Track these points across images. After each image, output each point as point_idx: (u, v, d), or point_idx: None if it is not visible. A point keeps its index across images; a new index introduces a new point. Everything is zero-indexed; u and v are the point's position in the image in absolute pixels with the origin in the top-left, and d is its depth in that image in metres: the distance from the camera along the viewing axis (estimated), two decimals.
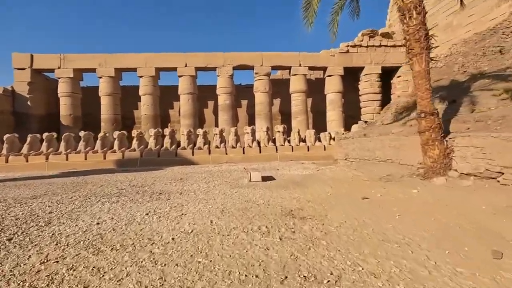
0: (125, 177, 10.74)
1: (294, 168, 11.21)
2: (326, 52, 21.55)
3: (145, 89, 20.88)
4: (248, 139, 16.27)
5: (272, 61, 21.07)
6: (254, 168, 9.87)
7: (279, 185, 7.33)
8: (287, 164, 13.25)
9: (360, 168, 8.72)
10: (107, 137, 15.92)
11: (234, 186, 7.56)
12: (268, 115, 21.18)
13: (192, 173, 11.25)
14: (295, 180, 8.02)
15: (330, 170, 9.61)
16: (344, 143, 10.82)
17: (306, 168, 10.92)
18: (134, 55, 20.88)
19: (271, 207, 5.05)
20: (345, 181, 7.19)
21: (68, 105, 20.74)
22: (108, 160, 15.00)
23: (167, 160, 15.00)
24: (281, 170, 10.84)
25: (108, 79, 20.79)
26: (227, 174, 10.33)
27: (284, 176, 8.94)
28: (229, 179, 8.99)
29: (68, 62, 20.63)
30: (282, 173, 9.81)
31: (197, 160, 15.29)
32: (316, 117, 24.10)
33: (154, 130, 16.10)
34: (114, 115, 21.05)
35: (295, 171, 10.27)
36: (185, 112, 20.96)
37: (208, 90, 23.57)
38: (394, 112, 11.73)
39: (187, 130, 16.46)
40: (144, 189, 7.85)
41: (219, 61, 20.98)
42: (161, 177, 10.25)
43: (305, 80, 21.36)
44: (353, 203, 5.02)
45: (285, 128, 16.69)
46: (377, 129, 10.28)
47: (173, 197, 6.45)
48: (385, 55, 21.46)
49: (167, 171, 12.28)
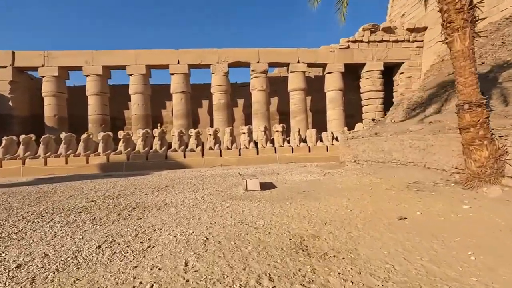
0: (103, 184, 9.18)
1: (296, 172, 9.72)
2: (325, 48, 20.13)
3: (135, 88, 19.30)
4: (245, 139, 14.76)
5: (269, 57, 19.60)
6: (251, 173, 8.36)
7: (282, 195, 5.83)
8: (288, 167, 11.75)
9: (376, 172, 7.26)
10: (90, 139, 14.32)
11: (226, 197, 6.06)
12: (266, 115, 19.70)
13: (181, 179, 9.72)
14: (300, 188, 6.53)
15: (340, 174, 8.13)
16: (352, 143, 9.39)
17: (310, 172, 9.43)
18: (123, 52, 19.30)
19: (274, 233, 3.55)
20: (364, 190, 5.71)
21: (52, 105, 19.10)
22: (91, 164, 13.40)
23: (156, 164, 13.44)
24: (281, 175, 9.35)
25: (95, 78, 19.18)
26: (220, 180, 8.81)
27: (287, 183, 7.44)
28: (222, 187, 7.47)
29: (53, 59, 19.00)
30: (283, 179, 8.31)
31: (189, 163, 13.75)
32: (316, 117, 22.67)
33: (142, 131, 14.52)
34: (103, 116, 19.43)
35: (298, 176, 8.78)
36: (178, 112, 19.41)
37: (202, 89, 22.04)
38: (406, 108, 10.32)
39: (179, 131, 14.90)
40: (118, 201, 6.33)
41: (213, 58, 19.47)
42: (144, 185, 8.71)
43: (304, 77, 19.92)
44: (389, 228, 3.54)
45: (284, 128, 15.20)
46: (391, 128, 8.85)
47: (147, 214, 4.93)
48: (387, 50, 20.10)
49: (154, 177, 10.73)
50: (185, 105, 19.52)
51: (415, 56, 20.12)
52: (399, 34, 19.99)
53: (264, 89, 19.57)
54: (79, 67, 19.26)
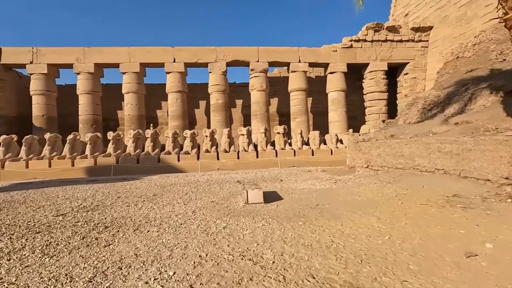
0: (84, 191, 7.94)
1: (302, 179, 8.54)
2: (327, 47, 19.07)
3: (128, 87, 18.09)
4: (244, 141, 13.58)
5: (269, 56, 18.50)
6: (251, 180, 7.19)
7: (292, 211, 4.66)
8: (291, 172, 10.58)
9: (397, 181, 6.12)
10: (77, 140, 13.05)
11: (223, 212, 4.87)
12: (265, 116, 18.57)
13: (172, 186, 8.51)
14: (311, 200, 5.36)
15: (353, 182, 6.98)
16: (364, 146, 8.26)
17: (318, 179, 8.26)
18: (115, 49, 18.09)
19: (292, 279, 2.38)
20: (393, 206, 4.56)
21: (41, 104, 17.83)
22: (77, 168, 12.14)
23: (148, 167, 12.22)
24: (286, 182, 8.17)
25: (86, 76, 17.96)
26: (216, 188, 7.61)
27: (293, 193, 6.27)
28: (218, 197, 6.28)
29: (42, 56, 17.75)
30: (288, 187, 7.13)
31: (184, 167, 12.53)
32: (316, 119, 21.59)
33: (134, 132, 13.28)
34: (94, 116, 18.19)
35: (305, 184, 7.61)
36: (173, 113, 18.21)
37: (200, 89, 20.89)
38: (422, 108, 9.24)
39: (173, 132, 13.67)
40: (92, 216, 5.12)
41: (211, 56, 18.33)
42: (130, 193, 7.49)
43: (305, 77, 18.84)
44: (460, 274, 2.37)
45: (286, 129, 14.03)
46: (408, 129, 7.73)
47: (119, 238, 3.73)
48: (391, 50, 19.09)
49: (143, 182, 9.51)
50: (181, 106, 18.34)
51: (420, 56, 19.12)
52: (403, 33, 19.01)
53: (263, 89, 18.45)
54: (69, 65, 18.05)
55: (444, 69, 11.48)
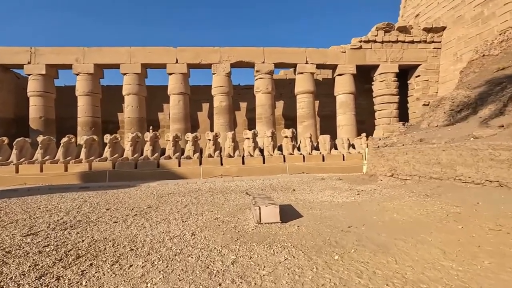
0: (70, 201, 6.90)
1: (317, 188, 7.44)
2: (336, 48, 18.07)
3: (129, 88, 17.15)
4: (249, 146, 12.51)
5: (275, 57, 17.52)
6: (259, 189, 6.12)
7: (319, 235, 3.58)
8: (302, 180, 9.47)
9: (437, 194, 5.02)
10: (72, 143, 12.05)
11: (230, 235, 3.79)
12: (271, 119, 17.52)
13: (171, 195, 7.45)
14: (338, 219, 4.27)
15: (381, 194, 5.89)
16: (387, 152, 7.18)
17: (335, 189, 7.16)
18: (116, 49, 17.20)
19: None
20: (452, 231, 3.47)
21: (39, 106, 16.91)
22: (71, 173, 11.12)
23: (146, 173, 11.17)
24: (299, 192, 7.07)
25: (86, 77, 17.05)
26: (220, 199, 6.53)
27: (313, 207, 5.18)
28: (223, 211, 5.21)
29: (40, 56, 16.88)
30: (304, 199, 6.04)
31: (185, 173, 11.48)
32: (323, 123, 20.51)
33: (132, 135, 12.25)
34: (93, 118, 17.22)
35: (322, 195, 6.51)
36: (175, 115, 17.23)
37: (202, 91, 19.94)
38: (449, 110, 8.16)
39: (174, 135, 12.64)
40: (68, 236, 4.08)
41: (214, 57, 17.38)
42: (121, 204, 6.44)
43: (312, 79, 17.83)
44: None
45: (294, 133, 12.94)
46: (441, 133, 6.65)
47: (88, 279, 2.66)
48: (402, 52, 18.05)
49: (139, 191, 8.45)
50: (183, 108, 17.36)
51: (433, 58, 18.06)
52: (415, 34, 17.98)
53: (269, 91, 17.44)
54: (69, 65, 17.15)
55: (469, 68, 10.43)
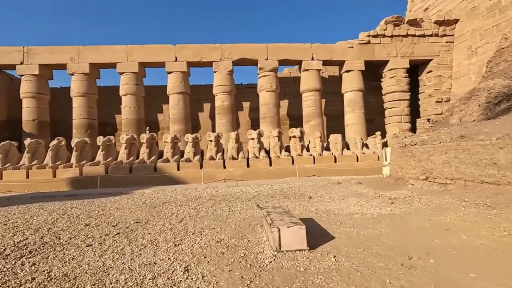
0: (47, 214, 5.73)
1: (337, 195, 6.23)
2: (343, 43, 16.89)
3: (126, 88, 16.03)
4: (254, 147, 11.31)
5: (279, 54, 16.35)
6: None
7: (373, 277, 2.38)
8: (316, 184, 8.25)
9: (505, 204, 3.83)
10: (62, 146, 10.91)
11: (239, 273, 2.60)
12: (275, 119, 16.34)
13: (165, 205, 6.26)
14: (385, 242, 3.08)
15: (425, 205, 4.67)
16: (419, 151, 5.97)
17: (360, 196, 5.94)
18: (112, 47, 16.09)
19: None
20: None
21: (32, 108, 15.81)
22: (60, 179, 9.97)
23: (142, 178, 10.01)
24: (317, 199, 5.86)
25: (81, 77, 15.94)
26: (224, 210, 5.33)
27: (343, 222, 3.97)
28: (228, 230, 4.01)
29: (33, 56, 15.81)
30: (327, 210, 4.83)
31: (184, 177, 10.30)
32: (330, 122, 19.28)
33: (127, 136, 11.08)
34: (89, 120, 16.10)
35: (346, 204, 5.30)
36: (175, 116, 16.08)
37: (203, 90, 18.80)
38: (485, 103, 6.96)
39: (172, 136, 11.46)
40: (20, 267, 2.91)
41: (216, 54, 16.25)
42: (105, 217, 5.25)
43: (319, 76, 16.65)
44: None
45: (303, 132, 11.72)
46: (488, 128, 5.46)
47: None
48: (413, 46, 16.84)
49: (130, 199, 7.27)
50: (183, 108, 16.20)
51: (445, 52, 16.83)
52: (426, 27, 16.77)
53: (273, 89, 16.27)
54: (63, 65, 16.06)
55: (499, 56, 9.24)
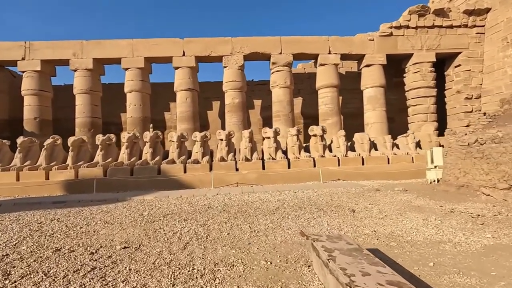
0: (18, 229, 4.39)
1: (388, 208, 4.73)
2: (362, 36, 15.33)
3: (131, 85, 14.80)
4: (270, 147, 9.85)
5: (294, 47, 14.90)
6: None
7: None
8: (349, 191, 6.74)
9: None
10: (58, 145, 9.67)
11: None
12: (289, 117, 14.88)
13: (167, 217, 4.85)
14: None
15: None
16: (496, 152, 4.46)
17: (422, 211, 4.43)
18: (117, 42, 14.91)
19: None
20: None
21: (33, 106, 14.74)
22: (53, 182, 8.71)
23: (144, 181, 8.67)
24: (363, 215, 4.37)
25: (84, 73, 14.80)
26: (244, 229, 3.87)
27: (435, 263, 2.48)
28: (257, 271, 2.56)
29: (35, 51, 14.75)
30: (392, 234, 3.33)
31: (191, 181, 8.92)
32: (346, 121, 17.63)
33: (128, 135, 9.77)
34: (92, 119, 14.92)
35: (409, 222, 3.80)
36: (182, 114, 14.77)
37: (213, 88, 17.45)
38: None
39: (178, 135, 10.10)
40: None
41: (226, 48, 14.90)
42: (86, 236, 3.87)
43: (336, 71, 15.12)
44: None
45: (325, 131, 10.18)
46: None
47: None
48: (439, 38, 15.14)
49: (125, 208, 5.89)
50: (192, 106, 14.88)
51: (475, 44, 15.09)
52: (453, 18, 15.06)
53: (287, 85, 14.81)
54: (66, 61, 14.95)
55: None
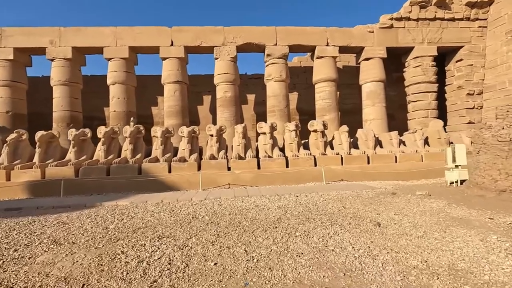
0: None
1: (420, 220, 3.68)
2: (362, 28, 14.33)
3: (114, 76, 13.42)
4: (265, 143, 8.73)
5: (290, 39, 13.78)
6: (304, 217, 2.22)
7: None
8: (360, 195, 5.69)
9: None
10: (23, 141, 8.29)
11: None
12: (285, 112, 13.82)
13: (137, 234, 3.67)
14: None
15: None
16: None
17: (467, 224, 3.42)
18: (99, 29, 13.47)
19: None
20: None
21: (5, 98, 13.19)
22: (15, 183, 7.37)
23: (122, 182, 7.43)
24: (394, 231, 3.31)
25: (63, 62, 13.32)
26: (238, 256, 2.73)
27: None
28: None
29: (7, 38, 13.19)
30: (452, 267, 2.29)
31: (177, 182, 7.73)
32: (343, 118, 16.67)
33: (106, 129, 8.48)
34: (71, 112, 13.48)
35: (465, 245, 2.77)
36: (170, 108, 13.50)
37: (203, 81, 16.20)
38: None
39: (163, 130, 8.84)
40: None
41: (217, 38, 13.66)
42: (10, 269, 2.67)
43: (334, 64, 14.11)
44: None
45: (326, 126, 9.10)
46: None
47: None
48: (441, 31, 14.29)
49: (90, 218, 4.67)
50: (180, 100, 13.61)
51: (477, 38, 14.30)
52: (455, 10, 14.22)
53: (283, 78, 13.71)
54: (42, 49, 13.41)
55: None
